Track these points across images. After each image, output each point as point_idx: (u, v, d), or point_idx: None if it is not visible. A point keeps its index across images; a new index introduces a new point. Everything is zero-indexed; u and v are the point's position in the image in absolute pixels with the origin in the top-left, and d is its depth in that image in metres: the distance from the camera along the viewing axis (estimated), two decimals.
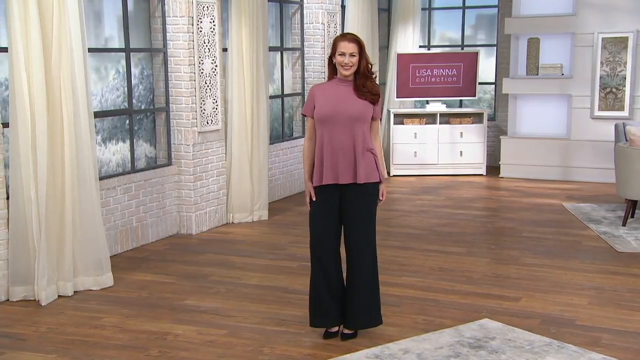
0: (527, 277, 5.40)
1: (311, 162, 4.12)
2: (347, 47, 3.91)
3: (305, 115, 4.13)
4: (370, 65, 3.99)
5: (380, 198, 4.14)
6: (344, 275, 4.22)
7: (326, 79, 4.22)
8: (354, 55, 3.92)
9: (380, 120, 4.21)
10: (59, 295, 5.05)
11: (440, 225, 7.13)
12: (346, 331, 4.22)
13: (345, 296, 4.19)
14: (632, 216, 7.23)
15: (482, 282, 5.32)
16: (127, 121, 6.46)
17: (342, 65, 3.94)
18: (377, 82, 4.18)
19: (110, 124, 6.35)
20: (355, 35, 4.00)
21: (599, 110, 9.60)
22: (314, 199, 4.10)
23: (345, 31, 9.21)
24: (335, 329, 4.24)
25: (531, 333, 4.27)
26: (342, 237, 4.14)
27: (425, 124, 10.05)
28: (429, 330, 4.34)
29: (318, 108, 4.01)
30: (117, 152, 6.42)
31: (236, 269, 5.69)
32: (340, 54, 3.93)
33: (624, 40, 9.41)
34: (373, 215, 4.10)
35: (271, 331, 4.36)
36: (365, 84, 3.96)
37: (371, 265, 4.13)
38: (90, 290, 5.19)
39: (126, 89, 6.41)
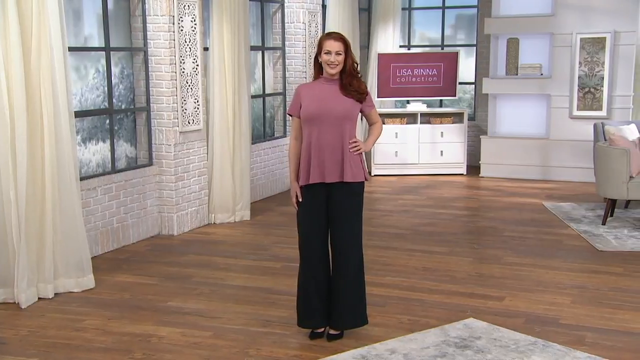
0: (510, 277, 5.42)
1: (297, 162, 4.10)
2: (333, 45, 3.90)
3: (291, 115, 4.11)
4: (356, 64, 3.98)
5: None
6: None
7: (311, 78, 4.20)
8: (340, 54, 3.91)
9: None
10: (39, 298, 4.97)
11: (423, 225, 7.14)
12: (332, 332, 4.20)
13: (331, 296, 4.17)
14: (612, 215, 7.30)
15: (465, 281, 5.33)
16: (108, 121, 6.39)
17: (328, 64, 3.93)
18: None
19: (90, 124, 6.27)
20: (341, 34, 3.99)
21: (577, 110, 9.68)
22: (300, 199, 4.08)
23: (326, 31, 9.22)
24: (322, 329, 4.22)
25: (516, 332, 4.28)
26: (329, 236, 4.12)
27: (406, 123, 10.06)
28: (414, 330, 4.34)
29: (304, 107, 3.99)
30: (97, 152, 6.34)
31: (219, 270, 5.65)
32: (326, 53, 3.92)
33: (602, 40, 9.49)
34: (359, 215, 4.09)
35: (256, 332, 4.33)
36: (351, 83, 3.95)
37: (357, 265, 4.12)
38: (71, 292, 5.12)
39: (106, 88, 6.34)
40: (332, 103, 3.96)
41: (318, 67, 4.02)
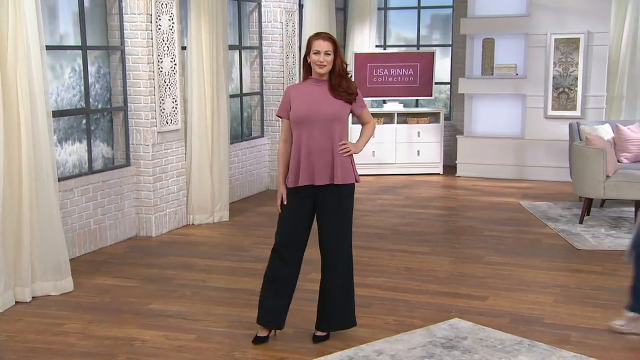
0: (493, 276, 5.44)
1: (286, 164, 4.05)
2: (322, 45, 3.86)
3: (280, 117, 4.06)
4: (345, 65, 3.94)
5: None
6: (314, 277, 4.17)
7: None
8: (329, 54, 3.88)
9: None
10: (16, 302, 4.86)
11: (403, 225, 7.14)
12: (319, 333, 4.17)
13: (320, 298, 4.14)
14: (588, 214, 7.37)
15: (448, 281, 5.34)
16: (84, 121, 6.28)
17: (316, 64, 3.89)
18: None
19: (66, 124, 6.16)
20: (330, 34, 3.96)
21: (552, 110, 9.78)
22: (285, 202, 4.04)
23: (303, 30, 9.18)
24: (266, 333, 4.15)
25: (502, 332, 4.29)
26: (318, 239, 4.08)
27: (383, 123, 10.07)
28: (400, 330, 4.32)
29: (294, 109, 3.95)
30: (73, 152, 6.23)
31: (200, 272, 5.59)
32: (314, 53, 3.88)
33: (576, 41, 9.60)
34: (349, 217, 4.06)
35: (241, 335, 4.28)
36: (340, 83, 3.92)
37: (346, 267, 4.09)
38: (49, 295, 5.02)
39: (82, 87, 6.23)
40: (322, 105, 3.92)
41: (307, 68, 3.98)
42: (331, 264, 4.06)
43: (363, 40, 10.73)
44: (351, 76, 4.02)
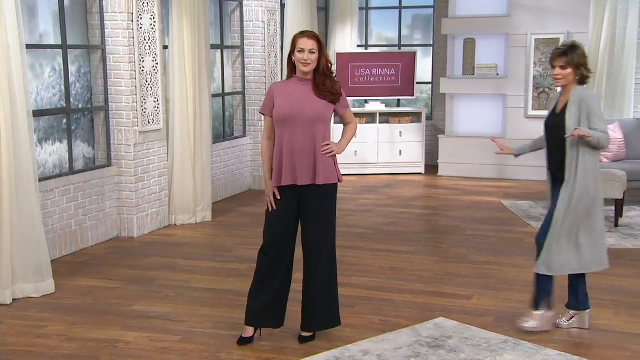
0: (476, 275, 5.46)
1: (270, 162, 4.03)
2: (307, 43, 3.84)
3: (263, 114, 4.04)
4: (330, 64, 3.93)
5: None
6: (297, 278, 4.15)
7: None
8: (314, 52, 3.86)
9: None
10: None
11: (386, 225, 7.15)
12: (304, 334, 4.16)
13: (303, 298, 4.13)
14: None
15: (432, 280, 5.35)
16: (65, 121, 6.21)
17: (301, 62, 3.87)
18: None
19: (46, 124, 6.09)
20: (315, 33, 3.95)
21: (532, 109, 9.84)
22: (278, 197, 3.99)
23: (285, 29, 9.16)
24: (251, 333, 4.13)
25: (487, 331, 4.31)
26: (302, 239, 4.07)
27: (365, 123, 10.08)
28: (386, 330, 4.32)
29: (277, 107, 3.93)
30: (53, 152, 6.16)
31: (183, 273, 5.55)
32: (299, 51, 3.86)
33: (556, 41, 9.66)
34: (332, 217, 4.04)
35: (226, 336, 4.25)
36: (325, 83, 3.90)
37: (329, 267, 4.08)
38: (30, 297, 4.96)
39: (63, 87, 6.16)
40: (305, 104, 3.90)
41: (291, 66, 3.96)
42: (314, 264, 4.04)
43: (345, 40, 10.73)
44: (335, 76, 4.01)
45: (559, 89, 4.31)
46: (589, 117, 4.08)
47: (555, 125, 4.22)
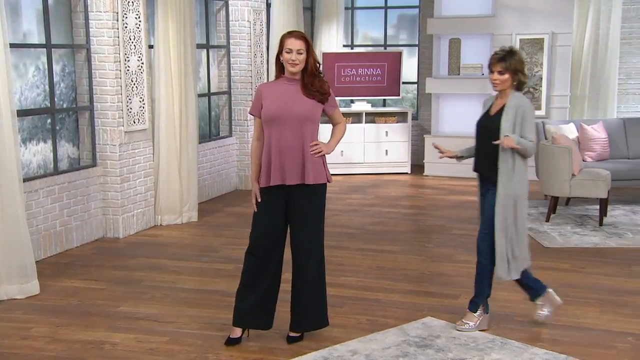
0: (463, 274, 5.47)
1: (258, 163, 4.02)
2: (294, 44, 3.83)
3: (252, 115, 4.03)
4: (318, 64, 3.92)
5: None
6: (284, 279, 4.14)
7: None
8: (301, 53, 3.85)
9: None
10: None
11: (372, 224, 7.15)
12: (292, 334, 4.15)
13: (292, 298, 4.12)
14: (554, 212, 7.47)
15: (420, 280, 5.36)
16: (49, 120, 6.16)
17: (289, 63, 3.85)
18: None
19: (30, 124, 6.03)
20: (303, 33, 3.94)
21: None
22: (259, 200, 4.01)
23: (270, 29, 9.14)
24: (239, 334, 4.11)
25: (474, 330, 4.32)
26: (290, 239, 4.06)
27: (351, 123, 10.07)
28: (374, 330, 4.32)
29: (265, 108, 3.92)
30: (38, 152, 6.11)
31: (170, 273, 5.52)
32: (287, 51, 3.85)
33: (540, 41, 9.73)
34: (321, 217, 4.04)
35: (214, 336, 4.23)
36: (313, 83, 3.89)
37: (317, 267, 4.07)
38: (15, 299, 4.91)
39: (47, 86, 6.11)
40: (293, 104, 3.89)
41: (279, 66, 3.94)
42: (302, 264, 4.03)
43: (330, 39, 10.73)
44: (324, 75, 4.00)
45: (494, 93, 4.36)
46: (523, 124, 4.17)
47: (488, 127, 4.27)
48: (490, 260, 4.33)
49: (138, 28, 6.63)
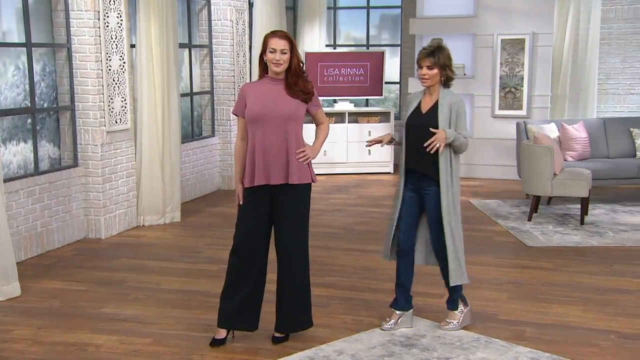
0: None
1: (242, 163, 4.00)
2: (278, 43, 3.82)
3: (236, 115, 4.01)
4: (302, 64, 3.91)
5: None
6: (268, 279, 4.12)
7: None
8: (285, 53, 3.83)
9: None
10: None
11: (356, 224, 7.15)
12: (277, 334, 4.13)
13: (277, 299, 4.10)
14: (536, 211, 7.52)
15: None
16: (29, 120, 6.09)
17: (272, 63, 3.84)
18: None
19: (10, 124, 5.96)
20: (286, 33, 3.92)
21: (499, 109, 9.94)
22: (241, 202, 3.99)
23: (253, 28, 9.11)
24: (224, 335, 4.09)
25: (459, 329, 4.33)
26: (274, 239, 4.05)
27: (334, 122, 10.08)
28: (359, 330, 4.32)
29: (249, 107, 3.90)
30: (18, 153, 6.04)
31: (153, 274, 5.48)
32: (270, 51, 3.83)
33: (521, 41, 9.78)
34: (305, 217, 4.03)
35: (198, 337, 4.21)
36: (297, 82, 3.88)
37: (302, 267, 4.06)
38: None
39: (27, 86, 6.04)
40: (277, 103, 3.88)
41: (263, 66, 3.92)
42: (287, 265, 4.02)
43: (313, 39, 10.72)
44: (307, 75, 3.99)
45: (421, 88, 4.34)
46: (457, 120, 4.18)
47: (422, 125, 4.18)
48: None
49: (120, 27, 6.58)
